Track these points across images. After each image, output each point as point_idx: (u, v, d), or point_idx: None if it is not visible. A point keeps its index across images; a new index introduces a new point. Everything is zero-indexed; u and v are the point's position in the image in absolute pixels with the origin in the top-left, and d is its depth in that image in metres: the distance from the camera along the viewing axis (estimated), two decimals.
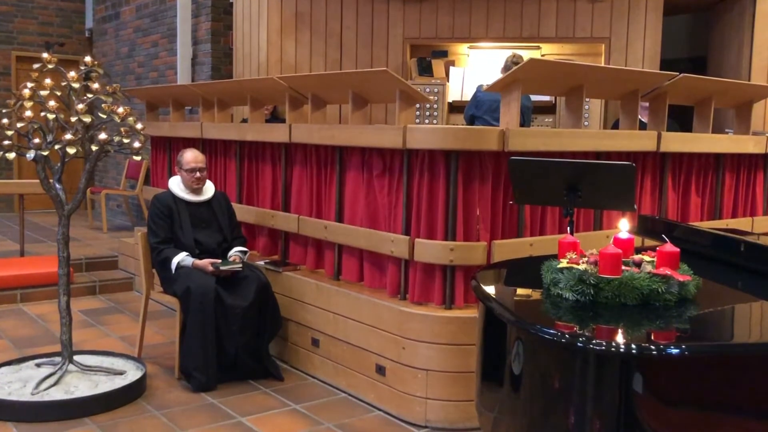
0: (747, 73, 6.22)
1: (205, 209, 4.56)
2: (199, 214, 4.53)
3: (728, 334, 2.28)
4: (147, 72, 8.96)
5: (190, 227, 4.47)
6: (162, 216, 4.44)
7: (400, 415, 3.80)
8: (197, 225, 4.50)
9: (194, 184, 4.48)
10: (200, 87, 5.92)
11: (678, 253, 2.33)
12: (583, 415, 2.03)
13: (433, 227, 3.78)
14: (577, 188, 2.97)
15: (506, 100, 3.86)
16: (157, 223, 4.44)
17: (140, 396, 3.99)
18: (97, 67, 4.01)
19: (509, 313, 2.36)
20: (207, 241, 4.46)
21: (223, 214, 4.61)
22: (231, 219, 4.67)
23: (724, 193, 4.92)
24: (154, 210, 4.48)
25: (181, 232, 4.44)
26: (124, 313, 5.79)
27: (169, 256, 4.34)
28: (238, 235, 4.68)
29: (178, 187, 4.55)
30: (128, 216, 9.09)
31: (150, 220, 4.49)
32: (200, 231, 4.48)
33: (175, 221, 4.47)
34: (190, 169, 4.47)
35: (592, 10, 6.36)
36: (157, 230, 4.43)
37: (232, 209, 4.73)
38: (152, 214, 4.48)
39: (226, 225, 4.59)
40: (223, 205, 4.65)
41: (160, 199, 4.53)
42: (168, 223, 4.44)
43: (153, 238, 4.43)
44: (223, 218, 4.59)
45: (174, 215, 4.47)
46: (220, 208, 4.61)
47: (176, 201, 4.50)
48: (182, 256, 4.32)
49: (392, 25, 6.68)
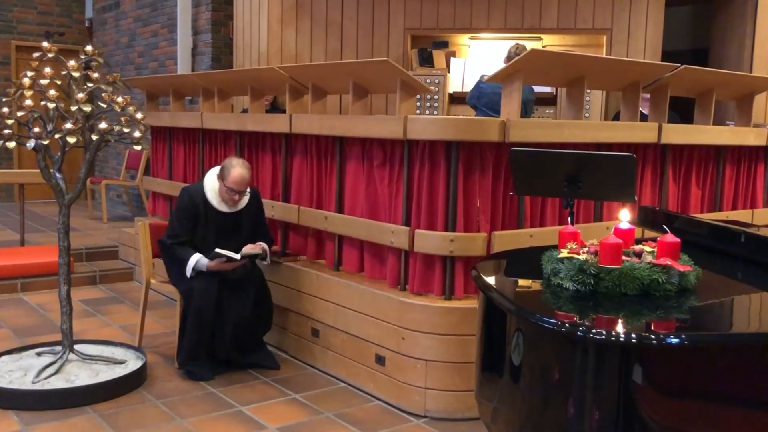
0: (749, 65, 6.21)
1: (234, 218, 4.29)
2: (226, 223, 4.27)
3: (728, 324, 2.28)
4: (147, 62, 8.94)
5: (214, 236, 4.23)
6: (188, 216, 4.21)
7: (399, 404, 3.81)
8: (222, 235, 4.25)
9: (230, 203, 4.21)
10: (200, 77, 5.91)
11: (679, 243, 2.33)
12: (582, 404, 2.04)
13: (433, 218, 3.78)
14: (577, 179, 2.96)
15: (507, 90, 3.86)
16: (181, 221, 4.21)
17: (140, 385, 4.00)
18: (97, 56, 4.00)
19: (509, 302, 2.37)
20: (227, 248, 4.15)
21: (251, 220, 4.35)
22: (258, 221, 4.40)
23: (724, 185, 4.93)
24: (182, 206, 4.23)
25: (202, 238, 4.22)
26: (124, 302, 5.80)
27: (185, 258, 4.14)
28: (262, 239, 4.36)
29: (212, 191, 4.24)
30: (128, 206, 9.09)
31: (175, 214, 4.28)
32: (223, 240, 4.22)
33: (199, 224, 4.23)
34: (231, 189, 4.14)
35: (594, 1, 6.34)
36: (179, 228, 4.21)
37: (261, 210, 4.45)
38: (179, 210, 4.25)
39: (249, 231, 4.33)
40: (253, 209, 4.36)
41: (192, 195, 4.24)
42: (191, 225, 4.22)
43: (170, 236, 4.22)
44: (248, 225, 4.33)
45: (200, 219, 4.23)
46: (249, 215, 4.33)
47: (206, 205, 4.23)
48: (197, 258, 4.13)
49: (393, 16, 6.66)
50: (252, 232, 4.33)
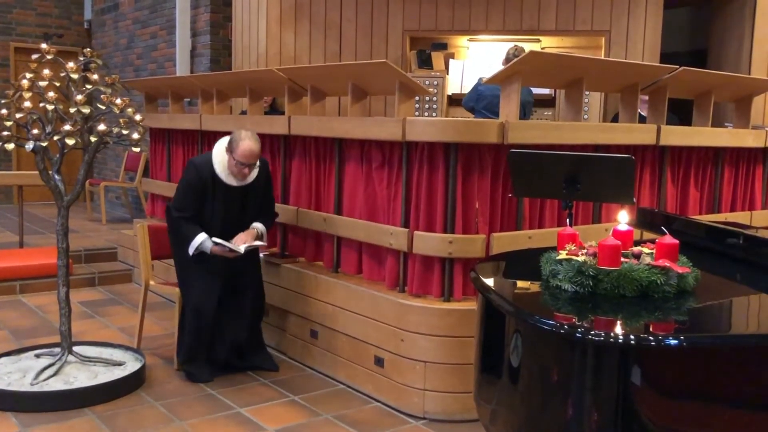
0: (747, 67, 6.22)
1: (242, 192, 4.14)
2: (235, 197, 4.13)
3: (726, 326, 2.28)
4: (146, 64, 8.94)
5: (222, 212, 4.09)
6: (195, 190, 4.05)
7: (398, 406, 3.81)
8: (230, 210, 4.12)
9: (239, 176, 4.05)
10: (199, 78, 5.91)
11: (677, 245, 2.33)
12: (581, 406, 2.04)
13: (432, 220, 3.78)
14: (576, 181, 2.97)
15: (506, 92, 3.86)
16: (188, 195, 4.06)
17: (139, 387, 4.00)
18: (96, 57, 4.00)
19: (508, 304, 2.37)
20: (235, 223, 4.12)
21: (259, 194, 4.21)
22: (265, 195, 4.27)
23: (722, 187, 4.93)
24: (189, 179, 4.08)
25: (210, 214, 4.08)
26: (123, 304, 5.80)
27: (189, 236, 4.03)
28: (268, 211, 4.31)
29: (220, 165, 4.07)
30: (127, 208, 9.09)
31: (181, 187, 4.11)
32: (231, 216, 4.12)
33: (207, 199, 4.08)
34: (241, 162, 3.97)
35: (593, 3, 6.35)
36: (185, 202, 4.06)
37: (270, 181, 4.32)
38: (185, 183, 4.09)
39: (255, 204, 4.21)
40: (262, 182, 4.21)
41: (199, 169, 4.07)
42: (199, 199, 4.06)
43: (177, 208, 4.08)
44: (257, 199, 4.20)
45: (207, 193, 4.07)
46: (257, 188, 4.19)
47: (215, 179, 4.06)
48: (201, 239, 4.01)
49: (392, 17, 6.67)
50: (260, 205, 4.24)
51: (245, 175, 4.04)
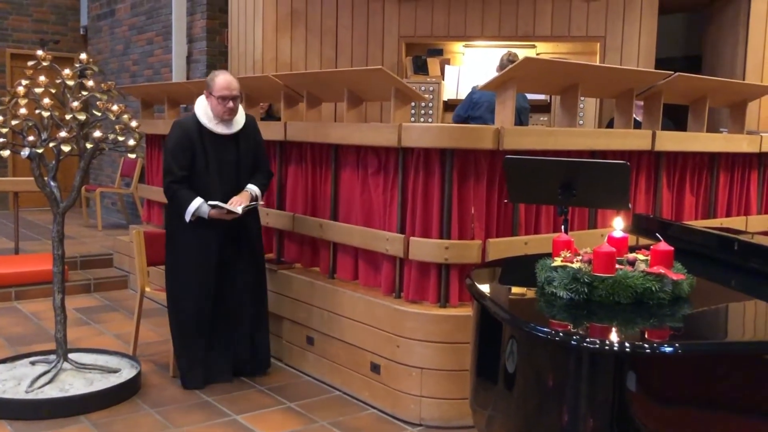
0: (741, 73, 6.24)
1: (233, 145, 4.01)
2: (225, 150, 3.98)
3: (722, 333, 2.29)
4: (142, 69, 8.94)
5: (216, 169, 3.95)
6: (182, 147, 3.90)
7: (394, 413, 3.80)
8: (224, 166, 3.98)
9: (225, 115, 3.88)
10: (195, 85, 5.91)
11: (672, 251, 2.33)
12: (576, 413, 2.04)
13: (428, 225, 3.78)
14: (571, 187, 2.98)
15: (501, 98, 3.87)
16: (176, 154, 3.90)
17: (135, 394, 3.99)
18: (92, 64, 4.00)
19: (503, 311, 2.37)
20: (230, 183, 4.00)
21: (249, 149, 4.08)
22: (256, 153, 4.14)
23: (718, 192, 4.94)
24: (175, 139, 3.92)
25: (203, 172, 3.93)
26: (118, 311, 5.78)
27: (185, 202, 3.89)
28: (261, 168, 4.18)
29: (204, 115, 3.94)
30: (123, 214, 9.07)
31: (168, 150, 3.94)
32: (225, 174, 4.00)
33: (197, 157, 3.92)
34: (221, 96, 3.83)
35: (588, 9, 6.37)
36: (174, 162, 3.90)
37: (260, 140, 4.19)
38: (171, 143, 3.93)
39: (246, 164, 4.07)
40: (251, 134, 4.09)
41: (183, 124, 3.96)
42: (188, 158, 3.90)
43: (167, 172, 3.93)
44: (246, 155, 4.07)
45: (197, 148, 3.91)
46: (248, 141, 4.06)
47: (201, 132, 3.93)
48: (198, 203, 3.88)
49: (388, 24, 6.68)
50: (253, 165, 4.13)
51: (231, 110, 3.89)
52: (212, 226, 3.96)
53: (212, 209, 3.90)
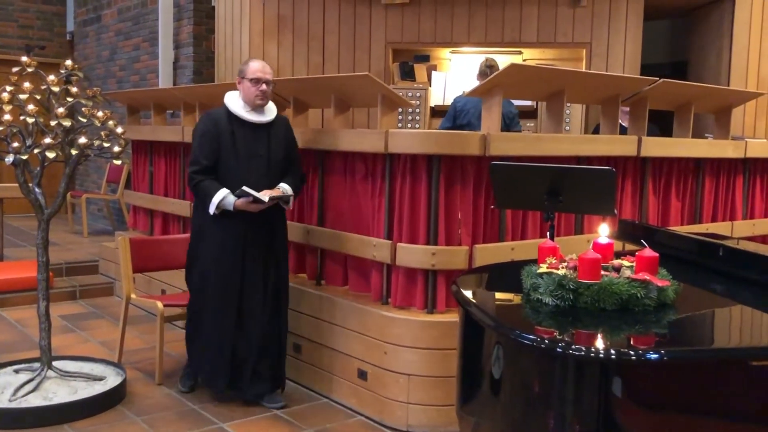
0: (726, 79, 6.29)
1: (264, 138, 3.86)
2: (255, 142, 3.84)
3: (707, 339, 2.30)
4: (128, 75, 8.90)
5: (247, 156, 3.79)
6: (209, 136, 3.76)
7: (381, 420, 3.79)
8: (253, 155, 3.82)
9: (257, 99, 3.78)
10: (182, 90, 5.89)
11: (657, 258, 2.34)
12: (562, 419, 2.04)
13: (415, 231, 3.78)
14: (557, 193, 2.99)
15: (488, 105, 3.88)
16: (203, 144, 3.77)
17: (120, 402, 3.96)
18: (77, 70, 3.98)
19: (489, 318, 2.37)
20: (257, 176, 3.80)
21: (280, 145, 3.91)
22: (288, 152, 3.96)
23: (703, 198, 4.97)
24: (202, 127, 3.82)
25: (232, 163, 3.78)
26: (104, 318, 5.74)
27: (209, 194, 3.72)
28: (294, 169, 3.99)
29: (235, 103, 3.85)
30: (109, 220, 9.02)
31: (195, 139, 3.83)
32: (253, 166, 3.82)
33: (225, 147, 3.78)
34: (255, 79, 3.76)
35: (573, 16, 6.39)
36: (200, 151, 3.77)
37: (293, 140, 4.02)
38: (198, 134, 3.82)
39: (277, 159, 3.88)
40: (282, 134, 3.94)
41: (212, 115, 3.86)
42: (215, 148, 3.77)
43: (192, 163, 3.79)
44: (277, 151, 3.89)
45: (224, 139, 3.77)
46: (278, 138, 3.91)
47: (232, 121, 3.81)
48: (223, 194, 3.72)
49: (374, 30, 6.68)
50: (284, 165, 3.94)
51: (263, 94, 3.79)
52: (239, 221, 3.78)
53: (237, 200, 3.70)
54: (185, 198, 5.69)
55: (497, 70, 4.93)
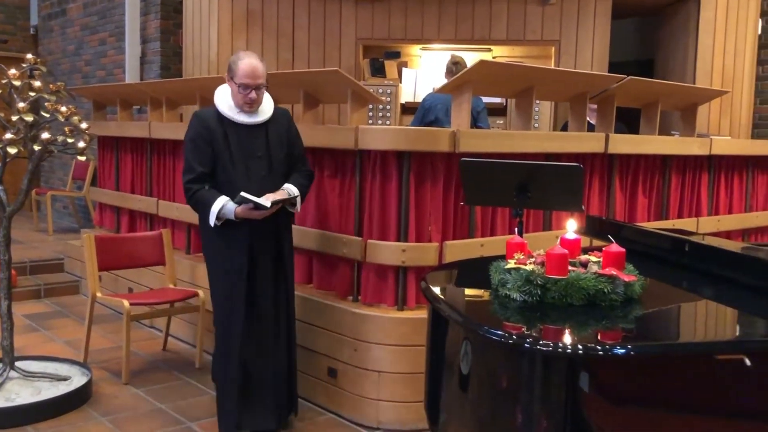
0: (692, 77, 6.37)
1: (261, 137, 3.48)
2: (252, 144, 3.45)
3: (673, 334, 2.32)
4: (94, 70, 8.77)
5: (244, 158, 3.42)
6: (201, 140, 3.39)
7: (351, 417, 3.78)
8: (251, 157, 3.45)
9: (245, 107, 3.41)
10: (149, 86, 5.82)
11: (623, 253, 2.36)
12: (530, 414, 2.04)
13: (385, 228, 3.77)
14: (526, 189, 3.00)
15: (457, 101, 3.88)
16: (195, 150, 3.40)
17: (85, 402, 3.90)
18: (40, 64, 3.90)
19: (457, 314, 2.37)
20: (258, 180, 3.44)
21: (281, 143, 3.53)
22: (290, 149, 3.58)
23: (670, 194, 5.03)
24: (191, 131, 3.44)
25: (228, 168, 3.41)
26: (69, 317, 5.65)
27: (207, 203, 3.35)
28: (300, 171, 3.62)
29: (225, 104, 3.46)
30: (75, 218, 8.88)
31: (187, 145, 3.46)
32: (252, 169, 3.45)
33: (220, 151, 3.40)
34: (243, 85, 3.36)
35: (543, 13, 6.43)
36: (193, 158, 3.40)
37: (296, 135, 3.64)
38: (189, 137, 3.44)
39: (279, 159, 3.52)
40: (282, 130, 3.56)
41: (200, 117, 3.47)
42: (208, 152, 3.40)
43: (186, 171, 3.42)
44: (278, 150, 3.52)
45: (218, 141, 3.40)
46: (278, 136, 3.53)
47: (223, 122, 3.44)
48: (222, 202, 3.35)
49: (344, 26, 6.66)
50: (287, 164, 3.57)
51: (252, 101, 3.39)
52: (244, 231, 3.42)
53: (237, 206, 3.34)
54: (152, 195, 5.62)
55: (463, 67, 4.95)
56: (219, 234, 3.42)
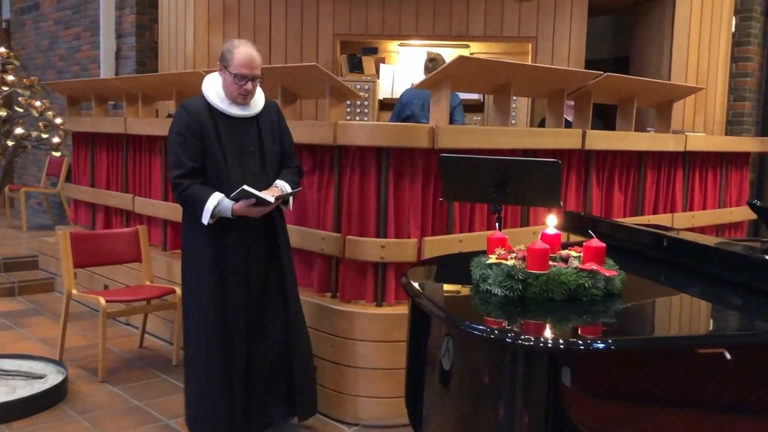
0: (667, 74, 6.43)
1: (254, 130, 3.31)
2: (244, 137, 3.28)
3: (653, 328, 2.34)
4: (69, 65, 8.65)
5: (236, 153, 3.24)
6: (190, 133, 3.16)
7: (330, 413, 3.77)
8: (243, 152, 3.27)
9: (239, 98, 3.22)
10: (124, 81, 5.75)
11: (604, 248, 2.37)
12: (512, 409, 2.05)
13: (364, 224, 3.76)
14: (504, 185, 3.01)
15: (436, 97, 3.88)
16: (183, 143, 3.16)
17: (61, 400, 3.85)
18: (13, 58, 3.85)
19: (439, 309, 2.37)
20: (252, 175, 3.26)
21: (273, 137, 3.37)
22: (282, 142, 3.42)
23: (645, 190, 5.08)
24: (179, 123, 3.19)
25: (220, 163, 3.20)
26: (44, 314, 5.58)
27: (202, 199, 3.12)
28: (290, 167, 3.45)
29: (215, 94, 3.26)
30: (49, 215, 8.77)
31: (171, 139, 3.21)
32: (245, 164, 3.27)
33: (210, 146, 3.19)
34: (239, 75, 3.17)
35: (520, 10, 6.45)
36: (182, 156, 3.15)
37: (285, 128, 3.46)
38: (176, 130, 3.19)
39: (272, 154, 3.35)
40: (274, 124, 3.39)
41: (189, 109, 3.22)
42: (198, 146, 3.17)
43: (175, 168, 3.18)
44: (271, 144, 3.35)
45: (208, 135, 3.19)
46: (270, 129, 3.36)
47: (212, 112, 3.24)
48: (218, 200, 3.14)
49: (322, 21, 6.63)
50: (280, 158, 3.42)
51: (247, 93, 3.22)
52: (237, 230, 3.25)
53: (236, 203, 3.14)
54: (128, 191, 5.56)
55: (440, 64, 4.95)
56: (211, 233, 3.22)
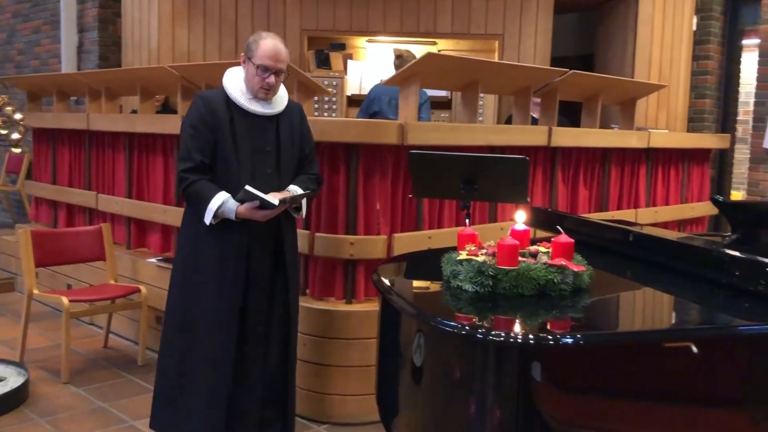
0: (630, 71, 6.51)
1: (271, 130, 3.11)
2: (260, 136, 3.08)
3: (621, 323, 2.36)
4: (28, 60, 8.47)
5: (250, 152, 3.04)
6: (204, 126, 2.99)
7: (300, 412, 3.74)
8: (258, 151, 3.08)
9: (260, 92, 3.04)
10: (87, 76, 5.65)
11: (572, 243, 2.39)
12: (484, 404, 2.06)
13: (333, 221, 3.75)
14: (473, 181, 3.02)
15: (405, 94, 3.88)
16: (194, 136, 2.99)
17: (22, 403, 3.77)
18: None
19: (410, 306, 2.36)
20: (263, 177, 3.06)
21: (293, 140, 3.16)
22: (302, 146, 3.21)
23: (610, 186, 5.14)
24: (194, 114, 3.02)
25: (230, 161, 3.01)
26: (5, 315, 5.46)
27: (205, 197, 2.95)
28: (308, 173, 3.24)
29: (236, 88, 3.08)
30: (9, 213, 8.57)
31: (183, 130, 3.05)
32: (257, 164, 3.07)
33: (223, 141, 3.00)
34: (263, 66, 3.00)
35: (486, 7, 6.48)
36: (192, 149, 2.98)
37: (307, 132, 3.26)
38: (189, 121, 3.02)
39: (288, 157, 3.15)
40: (296, 126, 3.19)
41: (206, 100, 3.05)
42: (210, 140, 3.00)
43: (182, 161, 3.01)
44: (288, 147, 3.14)
45: (222, 130, 3.01)
46: (290, 131, 3.16)
47: (231, 108, 3.06)
48: (222, 200, 2.95)
49: (289, 16, 6.58)
50: (297, 161, 3.21)
51: (270, 87, 3.03)
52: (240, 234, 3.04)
53: (240, 206, 2.96)
54: (91, 188, 5.47)
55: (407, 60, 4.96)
56: (212, 235, 3.04)
